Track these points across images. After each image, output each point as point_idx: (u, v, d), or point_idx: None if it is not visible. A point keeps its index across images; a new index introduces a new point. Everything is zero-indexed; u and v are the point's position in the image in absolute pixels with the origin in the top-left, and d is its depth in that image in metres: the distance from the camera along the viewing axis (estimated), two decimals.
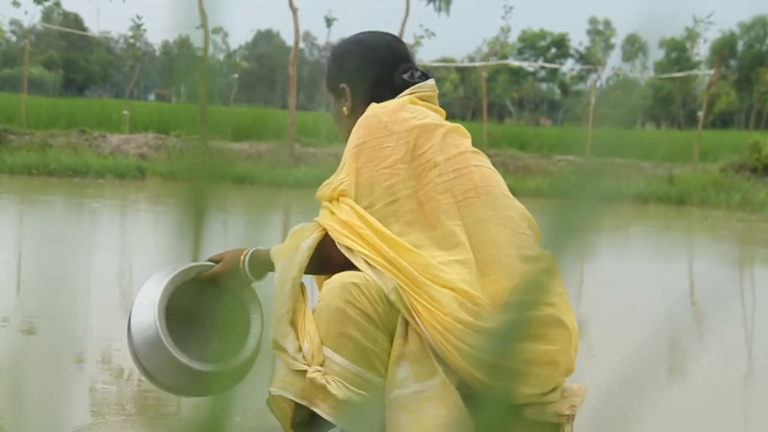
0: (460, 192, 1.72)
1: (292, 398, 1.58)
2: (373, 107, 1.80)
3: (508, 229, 1.73)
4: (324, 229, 1.71)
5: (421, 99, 1.86)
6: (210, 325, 1.95)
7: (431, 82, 1.90)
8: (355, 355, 1.57)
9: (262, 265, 1.81)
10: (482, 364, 1.57)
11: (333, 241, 1.69)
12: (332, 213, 1.72)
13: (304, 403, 1.57)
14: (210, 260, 1.91)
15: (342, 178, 1.75)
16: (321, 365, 1.60)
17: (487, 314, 1.61)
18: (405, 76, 1.87)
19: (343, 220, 1.69)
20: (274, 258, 1.74)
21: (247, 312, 1.90)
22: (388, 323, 1.60)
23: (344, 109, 1.90)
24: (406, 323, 1.60)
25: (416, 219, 1.70)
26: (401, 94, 1.86)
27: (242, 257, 1.82)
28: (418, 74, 1.89)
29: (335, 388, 1.56)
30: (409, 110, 1.79)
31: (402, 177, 1.72)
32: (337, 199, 1.74)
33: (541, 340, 1.63)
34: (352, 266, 1.68)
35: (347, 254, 1.67)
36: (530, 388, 1.61)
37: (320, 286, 1.85)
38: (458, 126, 1.85)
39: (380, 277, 1.62)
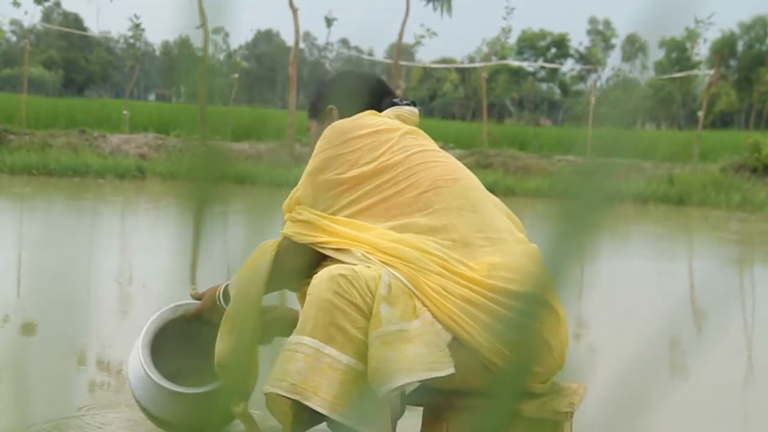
0: (426, 181, 1.78)
1: (284, 394, 1.58)
2: (337, 121, 1.90)
3: (482, 215, 1.76)
4: (279, 242, 1.79)
5: (398, 117, 1.93)
6: (196, 356, 2.03)
7: (413, 108, 2.00)
8: (345, 345, 1.57)
9: None
10: (465, 310, 1.59)
11: (287, 248, 1.78)
12: (293, 221, 1.81)
13: (296, 397, 1.57)
14: (194, 298, 2.01)
15: (297, 187, 1.85)
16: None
17: (469, 273, 1.63)
18: (395, 100, 2.00)
19: (301, 220, 1.78)
20: (233, 282, 1.83)
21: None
22: None
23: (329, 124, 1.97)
24: (388, 282, 1.62)
25: (378, 213, 1.77)
26: (391, 109, 1.99)
27: (217, 293, 1.91)
28: (405, 102, 2.01)
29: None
30: (369, 120, 1.88)
31: (357, 179, 1.79)
32: (295, 209, 1.83)
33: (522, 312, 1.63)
34: (313, 267, 1.75)
35: (319, 249, 1.74)
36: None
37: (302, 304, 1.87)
38: (418, 129, 1.93)
39: (348, 256, 1.68)
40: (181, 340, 2.01)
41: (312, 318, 1.59)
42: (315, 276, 1.64)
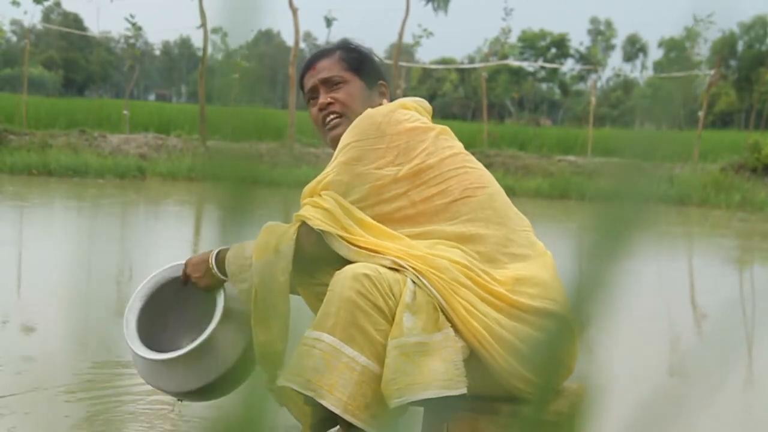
0: (457, 190, 1.75)
1: (298, 389, 1.56)
2: (368, 110, 1.84)
3: (507, 228, 1.75)
4: (297, 225, 1.73)
5: (416, 108, 1.91)
6: (182, 316, 2.02)
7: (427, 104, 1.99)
8: (364, 347, 1.55)
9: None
10: (489, 329, 1.58)
11: (307, 234, 1.72)
12: (314, 206, 1.75)
13: (310, 394, 1.55)
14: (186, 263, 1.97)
15: (328, 171, 1.78)
16: None
17: (494, 288, 1.62)
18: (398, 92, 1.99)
19: (325, 208, 1.72)
20: (236, 256, 1.78)
21: (214, 300, 1.91)
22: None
23: (384, 101, 1.95)
24: (414, 283, 1.59)
25: (406, 217, 1.73)
26: (403, 99, 1.93)
27: (210, 258, 1.88)
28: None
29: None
30: (402, 113, 1.82)
31: (391, 178, 1.74)
32: (320, 194, 1.77)
33: (545, 332, 1.64)
34: (325, 264, 1.71)
35: (325, 238, 1.69)
36: (530, 374, 1.62)
37: (307, 300, 1.84)
38: (448, 128, 1.88)
39: (369, 260, 1.65)
40: (174, 303, 2.00)
41: (333, 316, 1.56)
42: (338, 272, 1.61)
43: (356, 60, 1.97)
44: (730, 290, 5.62)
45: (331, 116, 1.93)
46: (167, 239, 6.82)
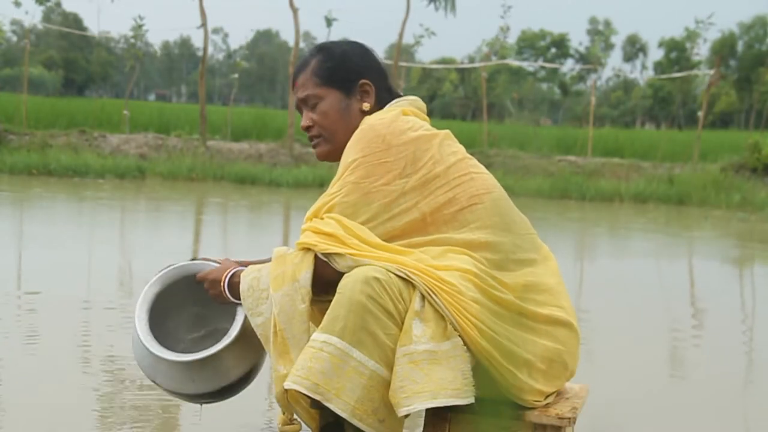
0: (465, 198, 1.72)
1: (305, 392, 1.55)
2: (369, 119, 1.79)
3: (513, 233, 1.74)
4: (309, 250, 1.69)
5: (418, 109, 1.88)
6: (199, 318, 2.00)
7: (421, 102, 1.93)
8: (373, 351, 1.54)
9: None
10: (499, 346, 1.58)
11: (319, 262, 1.68)
12: (315, 231, 1.70)
13: (317, 398, 1.54)
14: (209, 260, 1.91)
15: (334, 192, 1.73)
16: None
17: (503, 296, 1.62)
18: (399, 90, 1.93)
19: (327, 233, 1.68)
20: (251, 288, 1.73)
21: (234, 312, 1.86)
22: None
23: (365, 105, 1.86)
24: (423, 296, 1.58)
25: (415, 229, 1.71)
26: (397, 101, 1.88)
27: (223, 279, 1.82)
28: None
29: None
30: (405, 121, 1.78)
31: (401, 191, 1.71)
32: (321, 217, 1.73)
33: (551, 339, 1.65)
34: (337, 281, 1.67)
35: (331, 261, 1.65)
36: (537, 384, 1.62)
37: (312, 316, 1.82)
38: (449, 132, 1.85)
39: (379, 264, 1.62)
40: (182, 296, 1.94)
41: (342, 319, 1.55)
42: (347, 275, 1.59)
43: (329, 70, 1.88)
44: (730, 289, 5.62)
45: (312, 137, 1.90)
46: (167, 239, 6.82)
